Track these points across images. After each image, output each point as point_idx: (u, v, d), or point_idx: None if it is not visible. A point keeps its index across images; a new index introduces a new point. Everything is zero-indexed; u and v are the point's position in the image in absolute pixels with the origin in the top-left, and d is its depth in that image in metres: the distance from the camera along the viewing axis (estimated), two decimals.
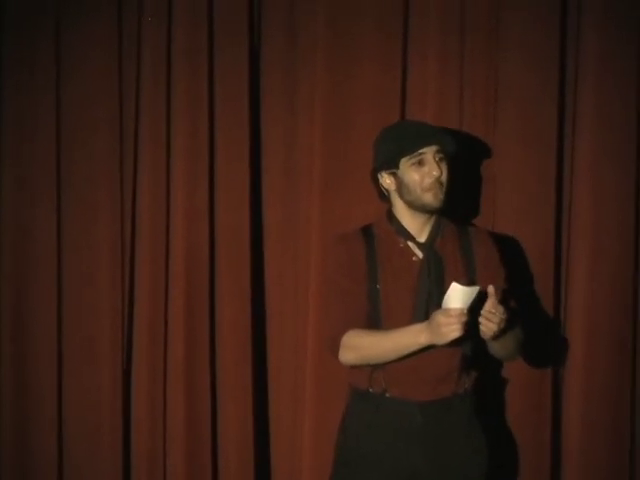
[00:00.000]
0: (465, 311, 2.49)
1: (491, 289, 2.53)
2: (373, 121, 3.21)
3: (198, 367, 3.42)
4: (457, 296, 2.49)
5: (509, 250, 3.03)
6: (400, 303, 2.71)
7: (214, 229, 3.43)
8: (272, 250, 3.45)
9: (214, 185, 3.42)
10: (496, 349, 2.73)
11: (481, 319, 2.53)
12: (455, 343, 2.56)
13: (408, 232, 2.78)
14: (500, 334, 2.57)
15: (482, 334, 2.57)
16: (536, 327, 3.07)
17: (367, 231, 2.83)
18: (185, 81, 3.37)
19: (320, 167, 3.32)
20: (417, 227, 2.78)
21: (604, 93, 3.17)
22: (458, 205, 2.97)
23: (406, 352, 2.64)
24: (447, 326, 2.49)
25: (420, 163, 2.72)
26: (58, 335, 3.53)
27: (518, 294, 2.86)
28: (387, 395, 2.73)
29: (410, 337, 2.61)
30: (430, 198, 2.72)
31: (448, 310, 2.49)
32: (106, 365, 3.49)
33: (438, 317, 2.51)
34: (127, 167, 3.48)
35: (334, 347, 2.74)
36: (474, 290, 2.50)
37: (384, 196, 2.85)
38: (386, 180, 2.80)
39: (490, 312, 2.52)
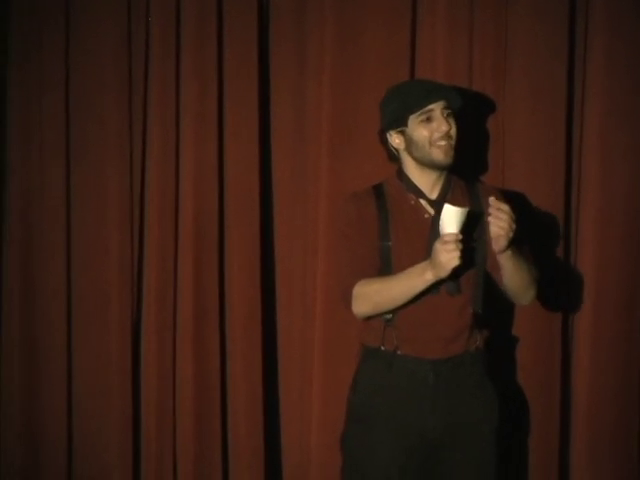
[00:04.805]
0: (459, 236, 2.51)
1: (492, 198, 2.56)
2: (382, 82, 3.17)
3: (207, 326, 3.43)
4: (450, 219, 2.51)
5: (519, 207, 3.00)
6: (411, 260, 2.69)
7: (223, 187, 3.43)
8: (281, 209, 3.46)
9: (223, 144, 3.42)
10: (511, 276, 2.68)
11: (490, 218, 2.54)
12: (456, 275, 2.59)
13: (419, 189, 2.78)
14: (511, 245, 2.57)
15: (494, 242, 2.56)
16: (546, 281, 3.07)
17: (379, 189, 2.83)
18: (195, 43, 3.36)
19: (328, 128, 3.32)
20: (428, 185, 2.78)
21: (614, 48, 3.16)
22: (467, 163, 2.97)
23: (414, 292, 2.64)
24: (444, 253, 2.50)
25: (428, 119, 2.72)
26: (67, 298, 3.54)
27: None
28: (399, 353, 2.74)
29: (416, 276, 2.62)
30: (440, 154, 2.72)
31: (442, 237, 2.52)
32: (115, 326, 3.50)
33: (435, 246, 2.53)
34: (136, 125, 3.48)
35: (346, 299, 2.75)
36: (464, 211, 2.52)
37: (393, 157, 2.85)
38: (395, 139, 2.80)
39: (497, 209, 2.53)
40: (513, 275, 2.69)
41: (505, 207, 2.54)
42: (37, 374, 3.57)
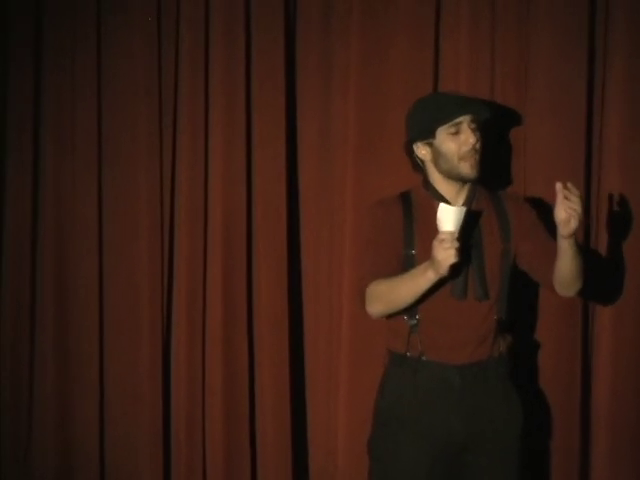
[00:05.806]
0: (456, 234, 2.52)
1: (559, 183, 2.53)
2: (406, 96, 3.21)
3: (236, 332, 3.47)
4: (446, 217, 2.52)
5: (541, 214, 3.03)
6: None
7: (251, 196, 3.47)
8: (308, 218, 3.50)
9: (251, 154, 3.46)
10: (569, 264, 2.63)
11: (561, 200, 2.51)
12: (456, 273, 2.61)
13: (444, 198, 2.79)
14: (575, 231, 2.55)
15: (564, 225, 2.52)
16: None
17: (406, 196, 2.86)
18: (223, 55, 3.42)
19: (354, 140, 3.35)
20: (453, 194, 2.80)
21: (633, 61, 3.17)
22: (490, 174, 2.99)
23: (420, 290, 2.64)
24: (441, 251, 2.51)
25: (456, 132, 2.74)
26: (99, 305, 3.60)
27: None
28: (424, 358, 2.76)
29: (419, 274, 2.63)
30: (467, 167, 2.74)
31: (439, 235, 2.53)
32: (146, 332, 3.56)
33: (433, 244, 2.53)
34: (166, 134, 3.54)
35: (362, 300, 2.78)
36: (461, 210, 2.53)
37: (418, 167, 2.87)
38: (421, 151, 2.81)
39: (567, 189, 2.51)
40: (571, 263, 2.64)
41: (575, 190, 2.52)
42: (70, 380, 3.63)
